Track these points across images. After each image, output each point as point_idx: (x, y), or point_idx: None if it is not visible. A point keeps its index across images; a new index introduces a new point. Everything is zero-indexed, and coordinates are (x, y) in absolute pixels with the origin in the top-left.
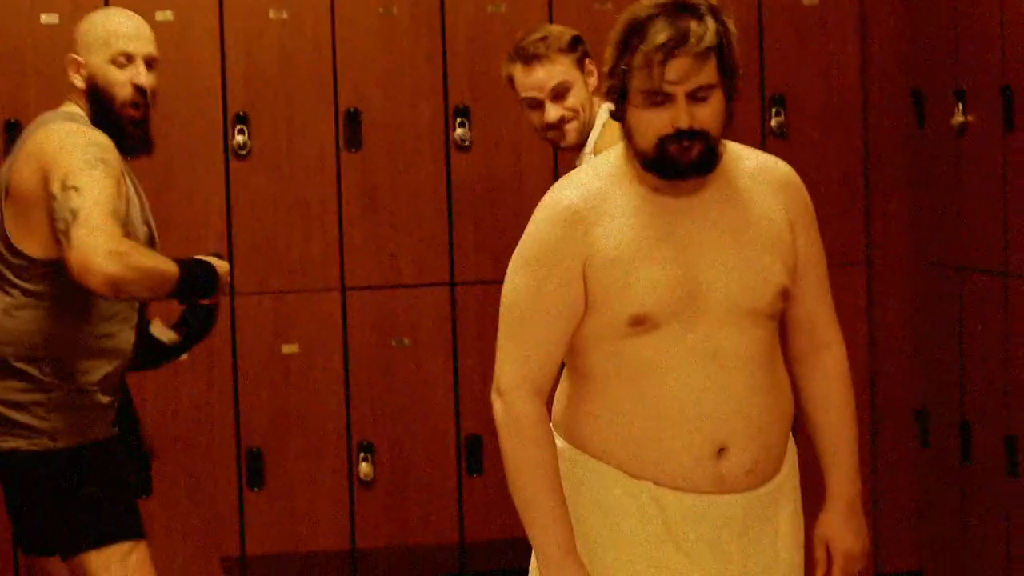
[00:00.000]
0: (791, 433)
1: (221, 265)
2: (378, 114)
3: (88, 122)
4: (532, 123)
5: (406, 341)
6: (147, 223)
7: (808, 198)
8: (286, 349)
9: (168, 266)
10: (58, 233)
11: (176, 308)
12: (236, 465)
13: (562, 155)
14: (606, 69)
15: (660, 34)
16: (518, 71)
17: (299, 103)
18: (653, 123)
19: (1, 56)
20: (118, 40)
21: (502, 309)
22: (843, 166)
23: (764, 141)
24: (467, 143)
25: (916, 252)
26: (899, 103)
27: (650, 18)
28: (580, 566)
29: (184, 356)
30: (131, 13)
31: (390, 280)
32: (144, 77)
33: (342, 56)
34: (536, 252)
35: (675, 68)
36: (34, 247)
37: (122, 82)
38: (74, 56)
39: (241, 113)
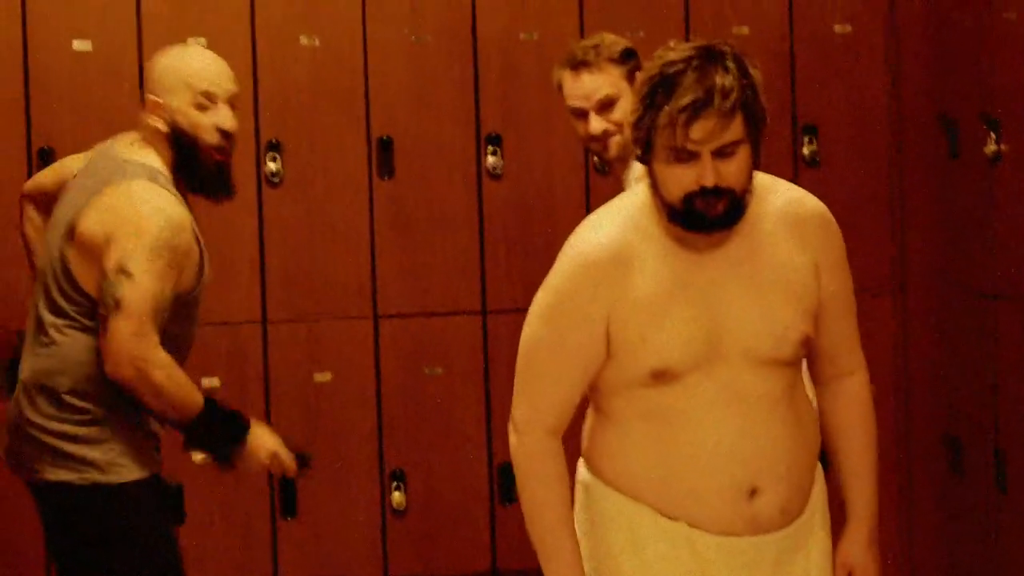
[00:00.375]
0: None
1: (264, 443)
2: (410, 141)
3: (169, 185)
4: (576, 131)
5: (438, 369)
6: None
7: (837, 233)
8: (318, 377)
9: (192, 400)
10: (99, 314)
11: None
12: (269, 494)
13: (594, 182)
14: (632, 119)
15: (686, 95)
16: (566, 77)
17: (331, 130)
18: (679, 179)
19: (34, 83)
20: (200, 81)
21: (521, 350)
22: (875, 194)
23: (796, 169)
24: (499, 171)
25: (948, 279)
26: (931, 131)
27: (676, 74)
28: None
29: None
30: (209, 51)
31: (422, 308)
32: (228, 120)
33: (374, 83)
34: (557, 303)
35: (700, 129)
36: (93, 287)
37: (207, 126)
38: (153, 98)
39: (274, 140)
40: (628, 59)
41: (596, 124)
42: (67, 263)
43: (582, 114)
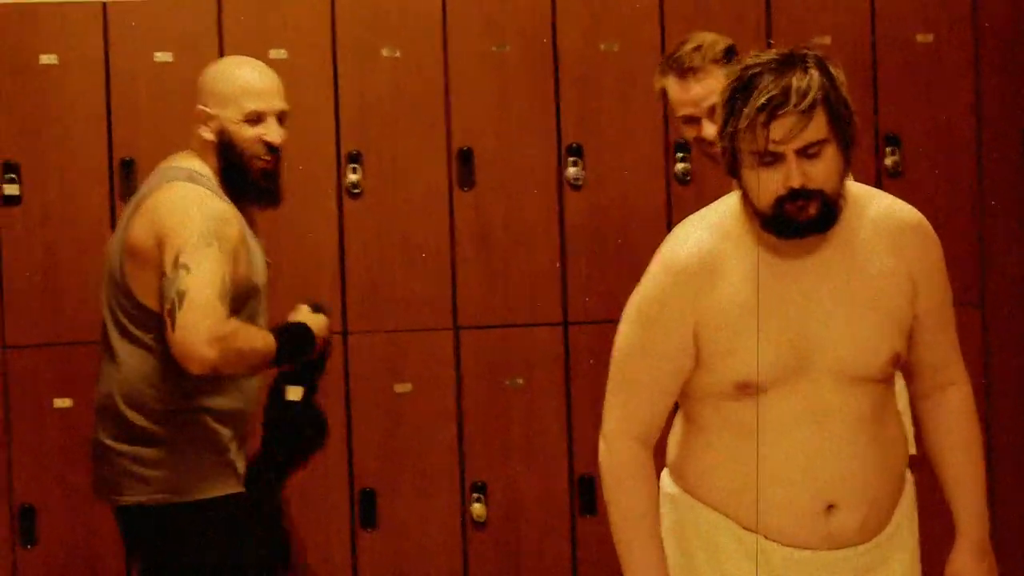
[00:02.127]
0: (909, 472)
1: (317, 321)
2: (490, 152)
3: (211, 182)
4: (685, 135)
5: (519, 381)
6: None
7: (935, 243)
8: (399, 388)
9: (266, 342)
10: (164, 312)
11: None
12: (349, 505)
13: (675, 192)
14: (716, 130)
15: (762, 95)
16: (672, 85)
17: (411, 141)
18: (766, 184)
19: (116, 95)
20: (249, 98)
21: (613, 358)
22: (957, 205)
23: (879, 180)
24: (580, 182)
25: None
26: (1014, 142)
27: (753, 77)
28: None
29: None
30: (260, 65)
31: (503, 319)
32: (275, 135)
33: (454, 94)
34: (648, 309)
35: (780, 128)
36: (151, 300)
37: (252, 139)
38: (203, 108)
39: (354, 152)
40: (731, 57)
41: (709, 129)
42: (126, 279)
43: (694, 120)
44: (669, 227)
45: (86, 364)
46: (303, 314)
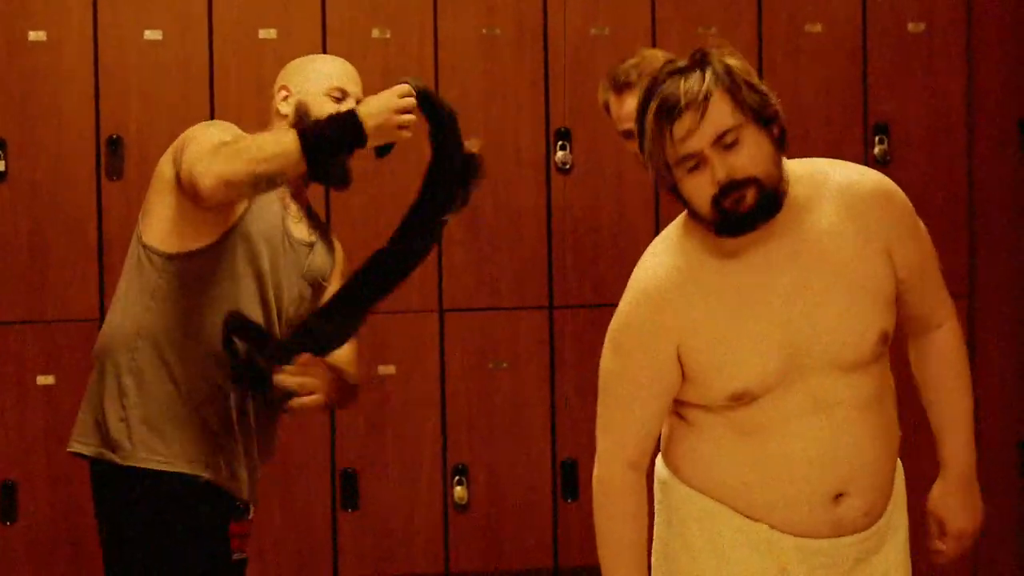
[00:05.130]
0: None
1: (380, 102)
2: (479, 135)
3: None
4: (628, 149)
5: (504, 364)
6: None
7: (902, 202)
8: (383, 370)
9: (282, 140)
10: (179, 177)
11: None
12: (331, 486)
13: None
14: (643, 159)
15: (654, 102)
16: (612, 100)
17: None
18: (698, 188)
19: (104, 72)
20: (335, 79)
21: (599, 379)
22: (947, 195)
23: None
24: (568, 166)
25: (1021, 283)
26: (1005, 132)
27: (647, 93)
28: None
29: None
30: (341, 58)
31: (489, 302)
32: None
33: (444, 77)
34: (626, 337)
35: (680, 127)
36: (156, 229)
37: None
38: (284, 84)
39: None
40: None
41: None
42: (140, 223)
43: (631, 135)
44: (657, 212)
45: (70, 342)
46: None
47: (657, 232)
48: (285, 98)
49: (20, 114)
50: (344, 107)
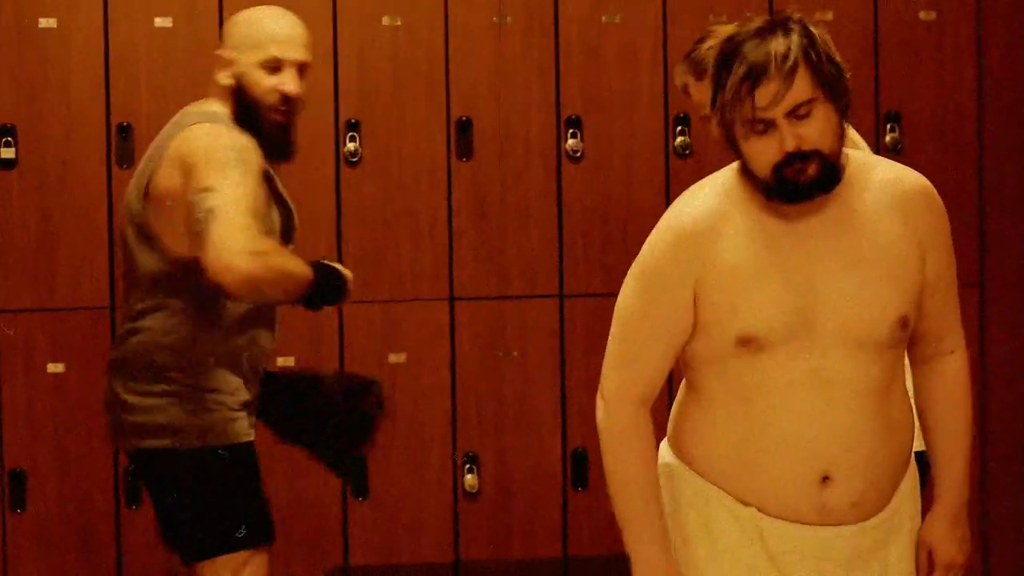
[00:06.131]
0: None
1: (346, 271)
2: (489, 123)
3: (230, 122)
4: (712, 134)
5: (514, 353)
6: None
7: (941, 210)
8: (393, 358)
9: (303, 269)
10: (194, 236)
11: None
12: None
13: (674, 166)
14: (708, 107)
15: (741, 65)
16: (692, 85)
17: (411, 111)
18: (762, 151)
19: (115, 59)
20: (270, 44)
21: (614, 315)
22: (957, 185)
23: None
24: (579, 154)
25: None
26: (1016, 121)
27: (735, 48)
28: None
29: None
30: (287, 13)
31: (499, 291)
32: (292, 85)
33: (455, 64)
34: (650, 267)
35: (763, 94)
36: (176, 241)
37: (268, 88)
38: (223, 53)
39: (353, 120)
40: None
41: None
42: (148, 228)
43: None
44: (668, 200)
45: (79, 330)
46: (333, 263)
47: None
48: (226, 66)
49: (30, 101)
50: (278, 78)
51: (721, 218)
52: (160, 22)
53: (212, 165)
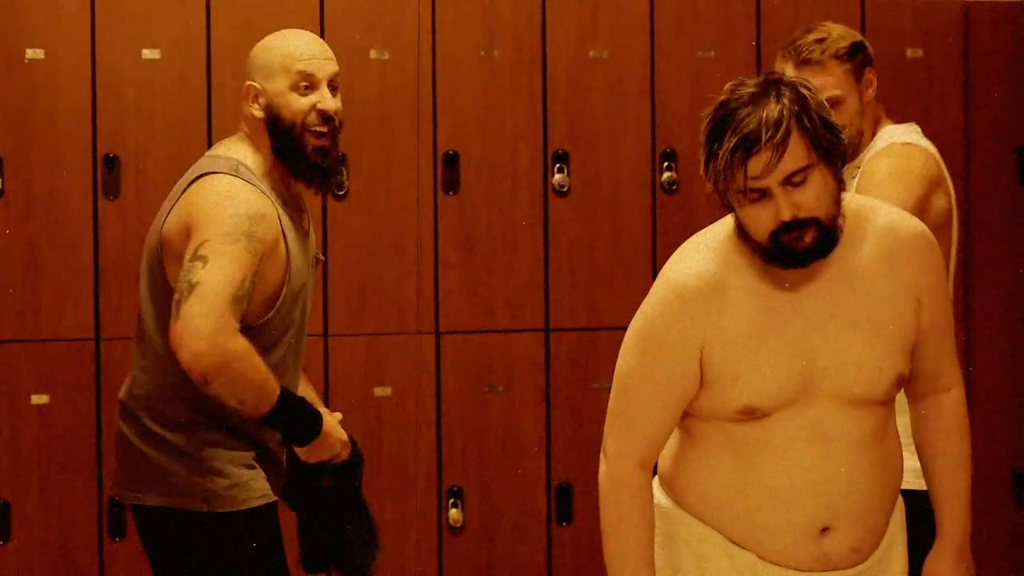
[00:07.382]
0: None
1: (337, 430)
2: (476, 157)
3: (256, 176)
4: None
5: (499, 386)
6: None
7: (936, 254)
8: (378, 392)
9: (270, 386)
10: (173, 302)
11: None
12: None
13: (660, 201)
14: (701, 171)
15: (733, 137)
16: (790, 72)
17: (397, 144)
18: (759, 219)
19: (102, 91)
20: (297, 63)
21: (615, 378)
22: None
23: None
24: (565, 188)
25: (1016, 311)
26: (1001, 159)
27: (726, 116)
28: None
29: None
30: (305, 31)
31: (485, 325)
32: (329, 101)
33: (442, 98)
34: (651, 332)
35: (756, 164)
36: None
37: (305, 108)
38: (251, 84)
39: (340, 154)
40: (856, 54)
41: None
42: (165, 275)
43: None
44: (654, 236)
45: (64, 361)
46: (329, 415)
47: (654, 256)
48: (255, 98)
49: (17, 132)
50: (313, 96)
51: (721, 281)
52: (148, 54)
53: (213, 230)
